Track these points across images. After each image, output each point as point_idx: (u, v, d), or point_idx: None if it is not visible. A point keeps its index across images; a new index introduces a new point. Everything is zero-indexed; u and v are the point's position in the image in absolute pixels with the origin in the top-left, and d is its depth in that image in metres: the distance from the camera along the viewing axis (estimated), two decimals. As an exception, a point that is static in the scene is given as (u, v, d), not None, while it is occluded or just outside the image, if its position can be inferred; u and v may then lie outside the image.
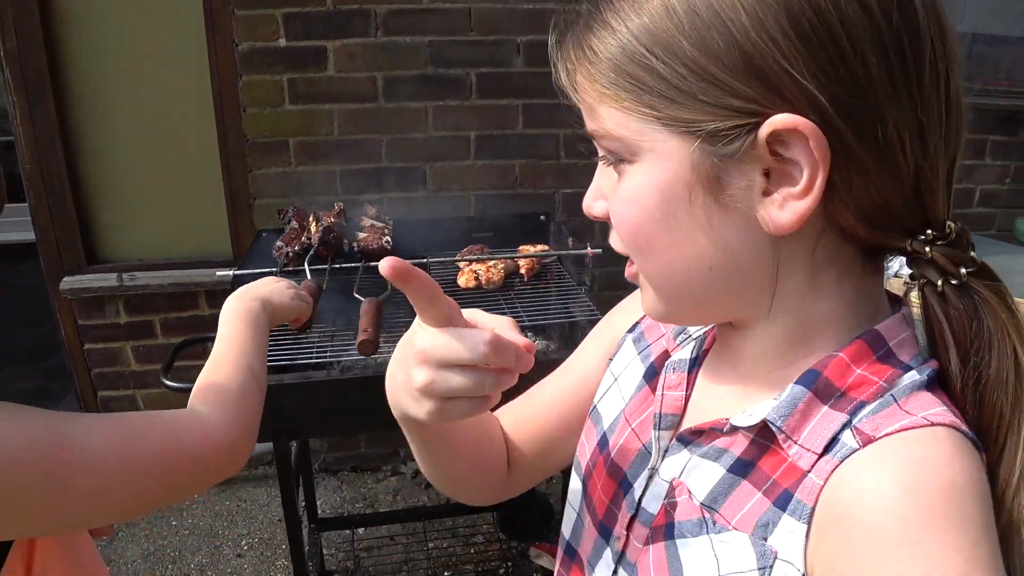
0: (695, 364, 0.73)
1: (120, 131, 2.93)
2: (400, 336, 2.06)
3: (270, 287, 1.23)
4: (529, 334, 2.28)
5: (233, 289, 1.95)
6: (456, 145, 2.99)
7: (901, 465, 0.53)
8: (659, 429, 0.71)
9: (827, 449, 0.57)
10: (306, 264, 1.97)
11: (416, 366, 0.62)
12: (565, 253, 2.18)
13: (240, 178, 2.95)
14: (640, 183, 0.59)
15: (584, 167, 3.06)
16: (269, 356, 1.09)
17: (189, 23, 2.79)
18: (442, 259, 2.22)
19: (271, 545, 3.04)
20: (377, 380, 1.92)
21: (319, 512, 3.01)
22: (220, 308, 1.11)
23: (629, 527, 0.72)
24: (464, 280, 2.18)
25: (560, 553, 0.86)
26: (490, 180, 3.05)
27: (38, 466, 0.71)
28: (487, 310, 2.10)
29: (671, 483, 0.68)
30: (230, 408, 0.95)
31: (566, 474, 2.18)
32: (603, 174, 0.66)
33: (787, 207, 0.55)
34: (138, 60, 2.85)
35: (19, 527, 0.76)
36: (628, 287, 0.72)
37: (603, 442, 0.80)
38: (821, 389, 0.59)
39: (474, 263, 2.21)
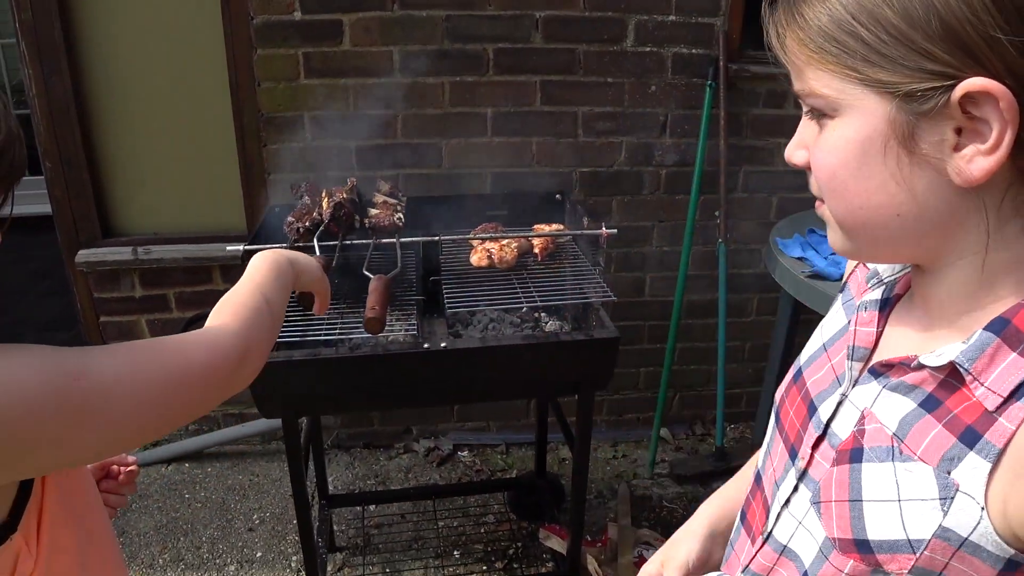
0: (886, 305, 0.81)
1: (135, 104, 2.92)
2: (409, 314, 2.03)
3: (297, 253, 1.27)
4: (542, 315, 2.26)
5: (243, 264, 1.93)
6: (473, 121, 2.95)
7: None
8: (851, 359, 0.79)
9: (1014, 394, 0.62)
10: (315, 240, 1.95)
11: None
12: (580, 233, 2.14)
13: (255, 153, 2.94)
14: (840, 135, 0.67)
15: (602, 146, 3.02)
16: (279, 332, 1.12)
17: (205, -5, 2.76)
18: (455, 236, 2.19)
19: (282, 520, 3.05)
20: (386, 359, 1.92)
21: (330, 488, 3.01)
22: (234, 283, 1.13)
23: (815, 447, 0.80)
24: (477, 259, 2.15)
25: (751, 483, 0.96)
26: (506, 157, 3.02)
27: (55, 398, 0.71)
28: (500, 289, 2.06)
29: (862, 412, 0.75)
30: (239, 321, 0.98)
31: (579, 455, 2.15)
32: (806, 126, 0.73)
33: (975, 161, 0.61)
34: (153, 33, 2.83)
35: (42, 461, 0.76)
36: (644, 269, 0.75)
37: (797, 374, 0.90)
38: (1010, 336, 0.64)
39: (487, 241, 2.18)
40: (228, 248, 2.06)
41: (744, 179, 3.17)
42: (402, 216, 2.09)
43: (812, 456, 0.80)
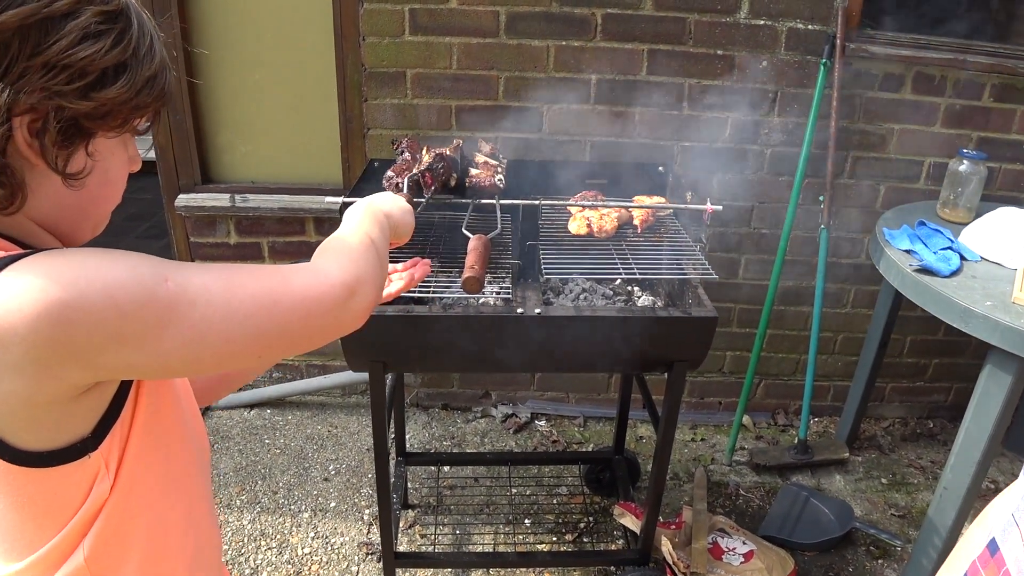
0: None
1: (239, 53, 2.95)
2: (503, 278, 2.00)
3: (390, 200, 1.24)
4: (635, 288, 2.20)
5: (340, 216, 1.92)
6: (576, 87, 2.89)
7: None
8: None
9: None
10: (405, 181, 1.92)
11: None
12: (684, 207, 2.07)
13: (355, 107, 2.94)
14: None
15: (707, 121, 2.93)
16: (386, 275, 1.09)
17: (317, -54, 2.76)
18: (554, 202, 2.14)
19: (358, 473, 3.08)
20: (478, 321, 1.89)
21: (407, 446, 3.03)
22: (327, 236, 1.10)
23: None
24: (576, 226, 2.10)
25: (983, 549, 0.85)
26: (608, 126, 2.95)
27: (141, 294, 0.72)
28: (597, 259, 2.01)
29: None
30: (346, 255, 0.95)
31: (664, 435, 2.09)
32: None
33: None
34: (264, -19, 2.85)
35: (122, 359, 0.74)
36: (740, 250, 0.63)
37: None
38: None
39: (587, 209, 2.13)
40: (327, 200, 2.06)
41: (852, 164, 3.04)
42: (503, 178, 2.06)
43: None
